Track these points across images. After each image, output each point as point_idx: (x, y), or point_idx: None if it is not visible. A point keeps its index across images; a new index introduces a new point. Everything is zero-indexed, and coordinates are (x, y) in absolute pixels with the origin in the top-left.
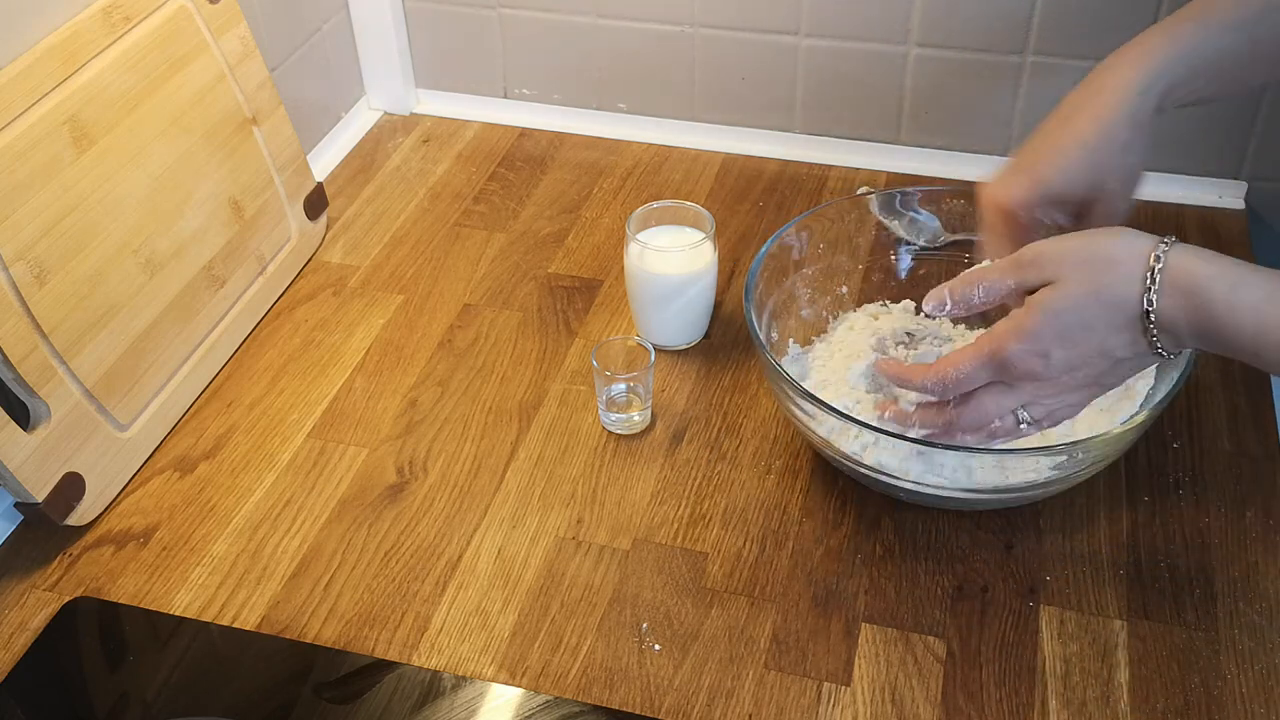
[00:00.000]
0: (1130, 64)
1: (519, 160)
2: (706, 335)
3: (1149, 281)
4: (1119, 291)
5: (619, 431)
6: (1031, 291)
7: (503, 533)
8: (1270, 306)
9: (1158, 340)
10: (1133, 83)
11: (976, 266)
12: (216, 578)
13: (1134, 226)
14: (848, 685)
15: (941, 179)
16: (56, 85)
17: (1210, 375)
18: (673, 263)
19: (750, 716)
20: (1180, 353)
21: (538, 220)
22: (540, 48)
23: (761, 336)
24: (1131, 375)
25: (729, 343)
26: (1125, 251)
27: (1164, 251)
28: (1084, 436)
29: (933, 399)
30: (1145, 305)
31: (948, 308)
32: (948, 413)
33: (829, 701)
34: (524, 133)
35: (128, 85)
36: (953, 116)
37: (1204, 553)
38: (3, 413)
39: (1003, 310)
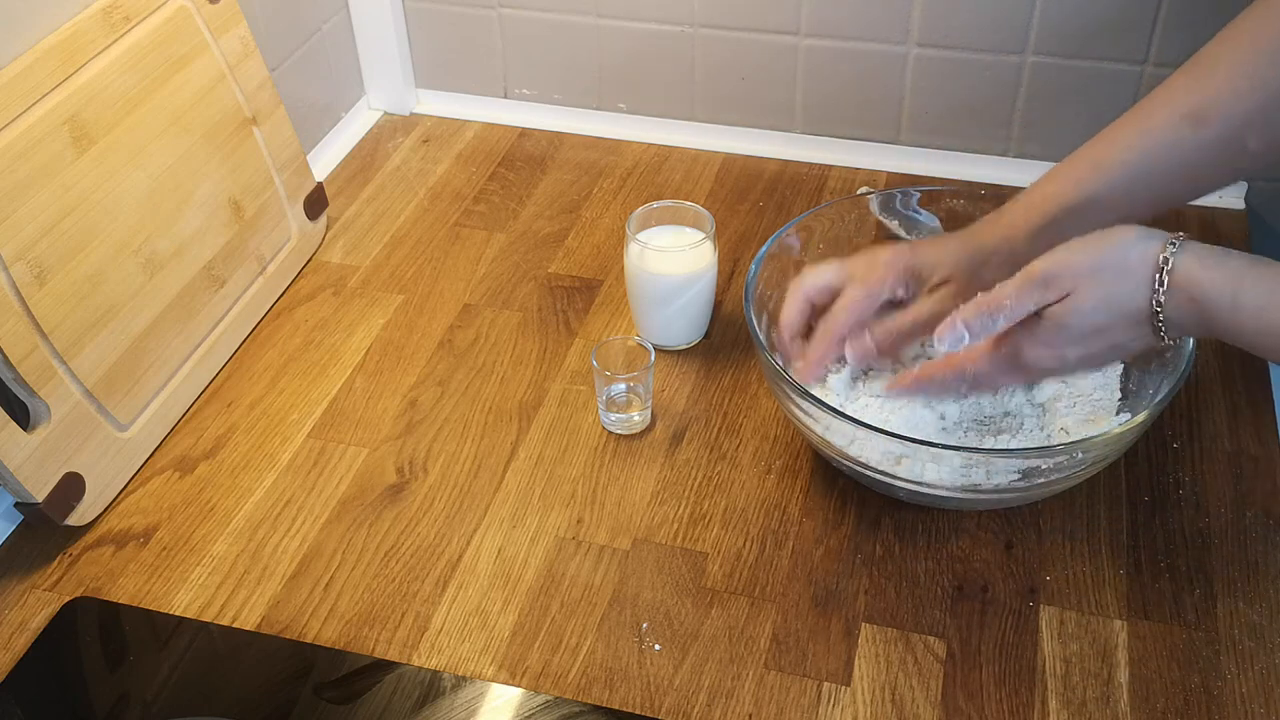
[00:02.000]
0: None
1: (519, 160)
2: (706, 335)
3: (1157, 286)
4: (1130, 299)
5: (619, 431)
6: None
7: (503, 533)
8: (1270, 311)
9: (1165, 334)
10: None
11: (982, 294)
12: (216, 578)
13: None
14: (848, 685)
15: (941, 179)
16: (56, 85)
17: (1210, 375)
18: (673, 263)
19: (750, 716)
20: (1186, 337)
21: (538, 220)
22: (540, 48)
23: (761, 336)
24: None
25: (729, 343)
26: (1136, 258)
27: (1172, 254)
28: (1084, 436)
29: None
30: (1155, 308)
31: (967, 339)
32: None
33: (829, 701)
34: (524, 133)
35: (128, 85)
36: (953, 116)
37: (1204, 553)
38: (3, 413)
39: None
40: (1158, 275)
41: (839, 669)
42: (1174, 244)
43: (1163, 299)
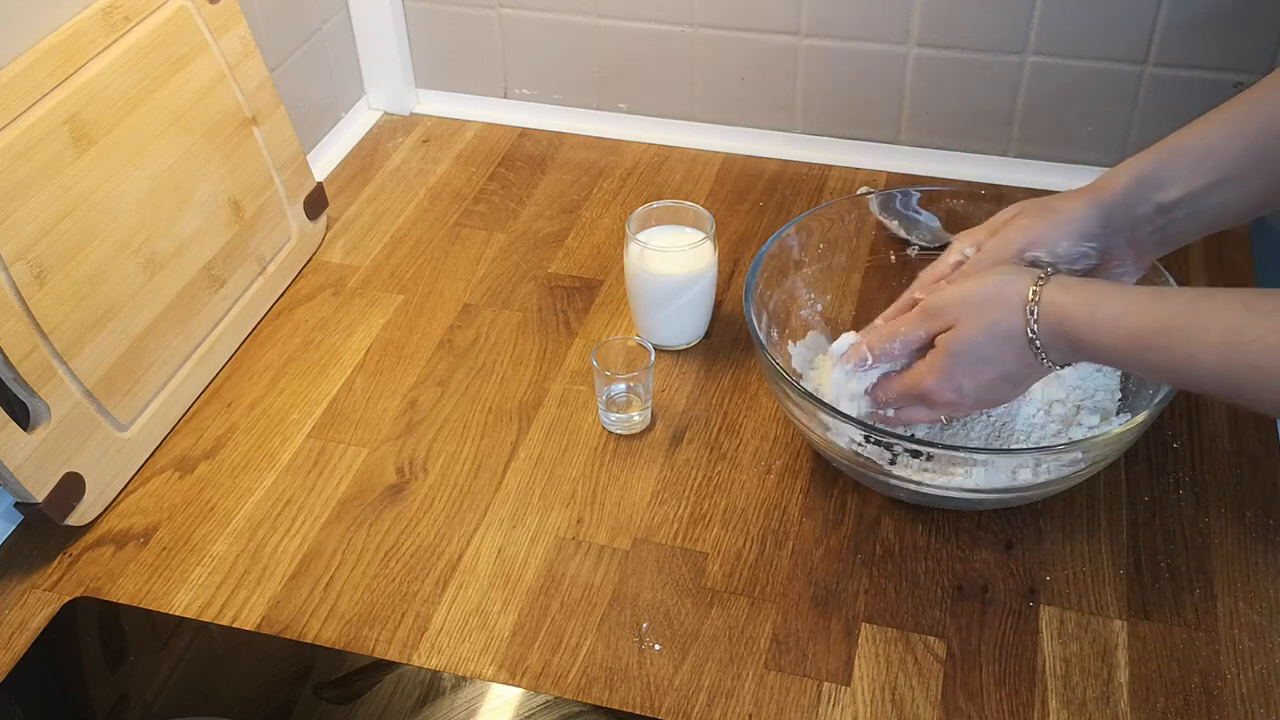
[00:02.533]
0: (1124, 165)
1: (519, 160)
2: (706, 335)
3: (1030, 315)
4: (1007, 326)
5: (619, 431)
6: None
7: (503, 533)
8: (1122, 320)
9: (1046, 359)
10: (1105, 181)
11: (884, 320)
12: (216, 578)
13: None
14: (848, 685)
15: (941, 179)
16: (56, 85)
17: None
18: (673, 263)
19: (750, 716)
20: (1071, 363)
21: (538, 220)
22: (540, 48)
23: (761, 336)
24: (1029, 387)
25: (729, 343)
26: (1009, 290)
27: (1040, 285)
28: (1084, 437)
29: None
30: (1030, 334)
31: (869, 362)
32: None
33: (829, 701)
34: (524, 133)
35: (128, 85)
36: (953, 116)
37: (1204, 553)
38: (3, 413)
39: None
40: (1028, 305)
41: (839, 669)
42: (1042, 278)
43: (1035, 325)
